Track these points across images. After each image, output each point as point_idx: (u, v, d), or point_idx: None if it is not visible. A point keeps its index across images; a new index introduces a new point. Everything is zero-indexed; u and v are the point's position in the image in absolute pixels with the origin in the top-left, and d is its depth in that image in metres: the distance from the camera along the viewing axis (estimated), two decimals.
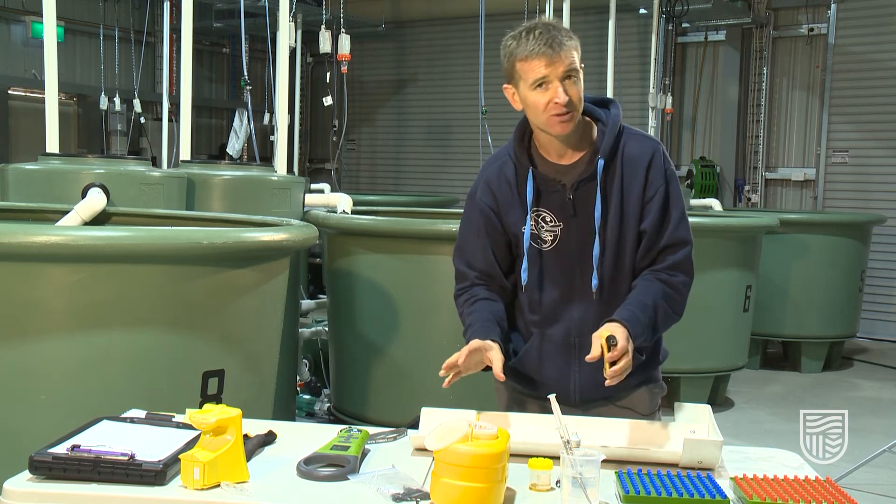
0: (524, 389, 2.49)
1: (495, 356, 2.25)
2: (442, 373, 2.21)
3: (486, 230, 2.45)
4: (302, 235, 3.41)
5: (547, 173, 2.38)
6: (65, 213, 4.11)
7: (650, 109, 9.98)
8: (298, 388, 5.64)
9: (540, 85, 2.26)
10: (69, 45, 10.45)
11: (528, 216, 2.39)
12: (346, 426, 2.18)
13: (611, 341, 2.16)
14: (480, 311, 2.40)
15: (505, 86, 2.37)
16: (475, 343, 2.25)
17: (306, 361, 5.78)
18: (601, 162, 2.34)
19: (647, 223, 2.37)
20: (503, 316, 2.43)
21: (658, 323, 2.34)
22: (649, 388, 2.50)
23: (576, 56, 2.28)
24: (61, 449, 1.83)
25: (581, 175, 2.36)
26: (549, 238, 2.40)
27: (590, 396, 2.43)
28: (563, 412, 1.98)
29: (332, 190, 7.40)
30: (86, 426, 2.01)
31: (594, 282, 2.37)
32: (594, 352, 2.17)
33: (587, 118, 2.40)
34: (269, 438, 2.11)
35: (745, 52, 10.29)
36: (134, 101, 10.62)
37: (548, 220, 2.39)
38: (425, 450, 1.84)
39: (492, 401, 2.60)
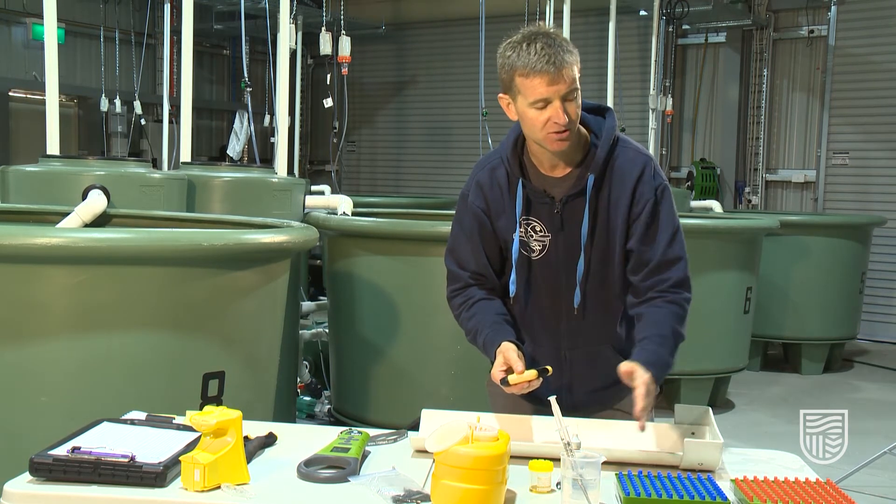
0: (520, 395, 2.48)
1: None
2: (516, 389, 2.22)
3: (478, 233, 2.42)
4: (302, 237, 3.40)
5: (537, 184, 2.36)
6: (65, 214, 4.10)
7: (650, 111, 9.97)
8: (299, 390, 5.64)
9: (540, 103, 2.20)
10: (70, 47, 10.44)
11: (518, 227, 2.37)
12: (347, 428, 2.18)
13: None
14: (484, 313, 2.39)
15: (501, 95, 2.30)
16: (509, 350, 2.26)
17: (307, 363, 5.78)
18: (591, 178, 2.30)
19: (633, 242, 2.32)
20: (506, 311, 2.42)
21: (676, 350, 2.28)
22: None
23: (576, 71, 2.21)
24: (62, 451, 1.83)
25: (570, 190, 2.33)
26: (538, 248, 2.38)
27: (584, 407, 2.40)
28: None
29: (333, 192, 7.40)
30: (86, 428, 2.01)
31: (576, 299, 2.36)
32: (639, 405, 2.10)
33: (581, 127, 2.34)
34: (270, 440, 2.11)
35: (745, 53, 10.30)
36: (134, 102, 10.61)
37: (538, 229, 2.37)
38: (426, 452, 1.84)
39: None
